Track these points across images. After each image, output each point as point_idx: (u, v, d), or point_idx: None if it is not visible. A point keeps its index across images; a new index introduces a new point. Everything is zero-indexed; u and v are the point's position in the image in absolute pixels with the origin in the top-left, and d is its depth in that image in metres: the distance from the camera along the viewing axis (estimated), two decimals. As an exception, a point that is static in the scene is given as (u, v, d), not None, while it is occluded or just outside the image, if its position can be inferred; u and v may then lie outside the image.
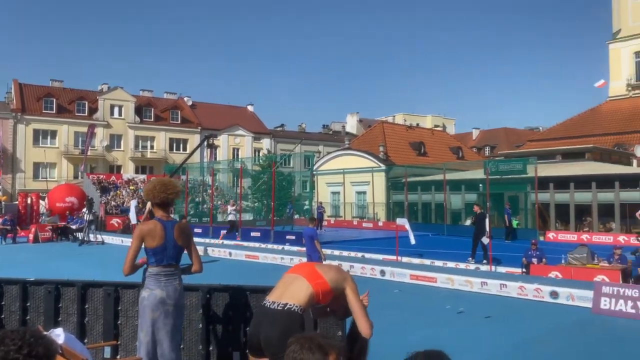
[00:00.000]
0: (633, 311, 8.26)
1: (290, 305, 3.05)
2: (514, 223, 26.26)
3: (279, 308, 3.06)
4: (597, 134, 39.60)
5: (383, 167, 36.50)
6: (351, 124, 74.25)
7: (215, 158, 50.97)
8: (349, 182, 38.33)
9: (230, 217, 22.12)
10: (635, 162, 33.39)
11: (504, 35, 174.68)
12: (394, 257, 16.48)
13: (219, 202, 37.23)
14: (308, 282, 3.17)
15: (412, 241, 16.23)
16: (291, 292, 3.12)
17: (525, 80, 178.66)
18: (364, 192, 38.07)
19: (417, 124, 58.29)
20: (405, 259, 16.53)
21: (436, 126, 63.16)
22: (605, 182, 26.00)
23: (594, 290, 8.90)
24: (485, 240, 15.04)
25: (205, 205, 35.77)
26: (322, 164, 41.48)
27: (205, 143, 30.81)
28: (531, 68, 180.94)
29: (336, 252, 18.18)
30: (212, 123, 55.00)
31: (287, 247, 19.97)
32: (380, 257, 17.15)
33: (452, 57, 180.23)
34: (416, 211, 34.20)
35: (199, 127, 54.45)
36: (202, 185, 38.44)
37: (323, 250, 13.28)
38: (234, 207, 21.73)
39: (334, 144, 59.64)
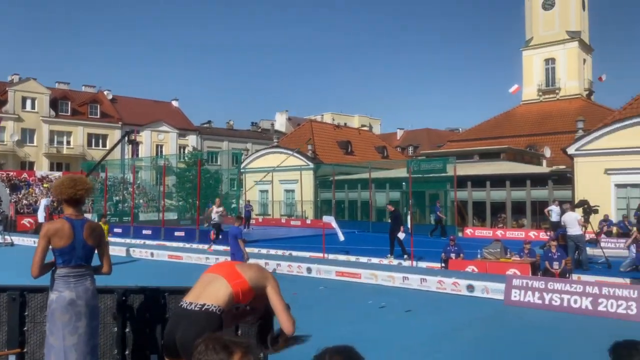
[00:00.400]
0: (540, 302, 8.84)
1: (208, 305, 2.97)
2: (434, 220, 27.32)
3: (196, 309, 2.97)
4: (511, 135, 42.11)
5: (311, 165, 36.74)
6: (280, 122, 74.15)
7: (138, 155, 48.99)
8: (277, 181, 38.25)
9: (216, 220, 18.95)
10: (544, 162, 35.82)
11: (427, 42, 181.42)
12: (320, 255, 16.62)
13: (140, 201, 35.84)
14: (227, 281, 3.11)
15: (341, 238, 16.52)
16: (209, 293, 3.04)
17: (447, 84, 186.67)
18: (293, 191, 38.14)
19: (345, 124, 59.22)
20: (331, 256, 16.73)
21: (363, 126, 64.45)
22: (518, 181, 27.68)
23: (506, 283, 9.44)
24: (401, 235, 15.51)
25: (126, 204, 34.33)
26: (250, 162, 41.09)
27: (126, 139, 29.54)
28: (453, 72, 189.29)
29: (263, 251, 18.08)
30: (134, 118, 52.78)
31: (212, 247, 19.59)
32: (307, 254, 17.22)
33: (380, 59, 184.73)
34: (343, 209, 34.75)
35: (120, 122, 52.09)
36: (122, 183, 36.83)
37: (248, 249, 13.17)
38: (220, 209, 18.68)
39: (263, 141, 59.26)
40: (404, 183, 30.30)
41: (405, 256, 15.70)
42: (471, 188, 28.86)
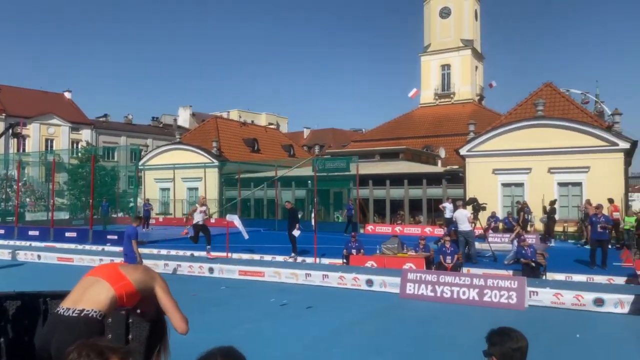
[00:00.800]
0: (432, 294, 9.34)
1: (87, 311, 2.77)
2: (337, 217, 27.96)
3: (74, 315, 2.75)
4: (410, 137, 44.24)
5: (216, 162, 35.98)
6: (184, 118, 71.84)
7: (24, 149, 45.09)
8: (179, 178, 36.99)
9: (198, 220, 16.21)
10: (440, 162, 37.99)
11: (334, 44, 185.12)
12: (224, 254, 16.35)
13: (26, 199, 33.01)
14: (109, 284, 2.92)
15: (245, 236, 16.34)
16: (89, 297, 2.84)
17: (352, 86, 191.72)
18: (196, 189, 37.08)
19: (252, 121, 58.75)
20: (235, 255, 16.52)
21: (270, 124, 64.33)
22: (415, 179, 29.10)
23: (401, 277, 9.87)
24: (296, 232, 15.59)
25: (10, 203, 31.44)
26: (150, 159, 39.36)
27: (10, 132, 27.03)
28: (358, 75, 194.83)
29: (163, 252, 17.43)
30: (19, 109, 48.39)
31: (107, 248, 18.53)
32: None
33: (288, 59, 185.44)
34: (249, 207, 34.43)
35: (4, 114, 47.57)
36: (6, 180, 33.67)
37: (146, 250, 12.64)
38: (204, 208, 16.18)
39: (164, 137, 57.08)
40: (309, 181, 30.66)
41: (293, 254, 15.79)
42: (372, 186, 29.88)
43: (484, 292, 8.91)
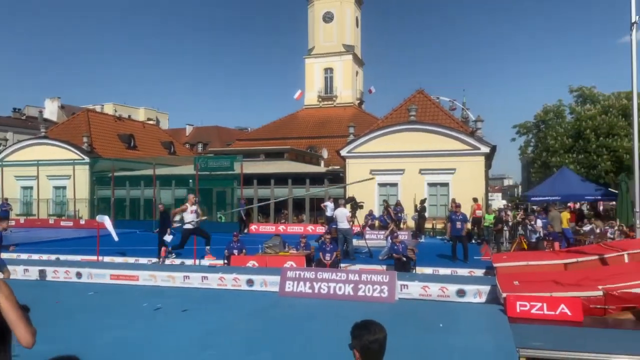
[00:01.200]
0: (310, 291, 9.53)
1: None
2: (219, 217, 27.50)
3: None
4: (294, 137, 44.89)
5: (87, 159, 33.46)
6: (51, 110, 65.84)
7: None
8: (44, 176, 33.83)
9: (189, 222, 13.68)
10: (322, 162, 39.00)
11: (221, 43, 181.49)
12: (94, 257, 15.30)
13: None
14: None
15: (115, 238, 15.42)
16: None
17: (238, 84, 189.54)
18: (64, 187, 34.19)
19: (129, 116, 55.48)
20: (107, 259, 15.57)
21: (149, 119, 61.33)
22: (299, 179, 29.56)
23: (281, 276, 9.94)
24: (167, 237, 14.81)
25: None
26: (9, 154, 35.53)
27: None
28: (245, 73, 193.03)
29: (23, 256, 15.85)
30: None
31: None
32: (78, 258, 15.72)
33: (170, 52, 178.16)
34: (124, 207, 32.51)
35: None
36: None
37: (3, 255, 11.40)
38: (195, 208, 13.10)
39: (28, 131, 51.95)
40: (191, 180, 29.77)
41: (160, 258, 15.20)
42: (257, 186, 29.81)
43: (359, 287, 9.28)
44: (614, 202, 22.08)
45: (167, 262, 14.92)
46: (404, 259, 13.39)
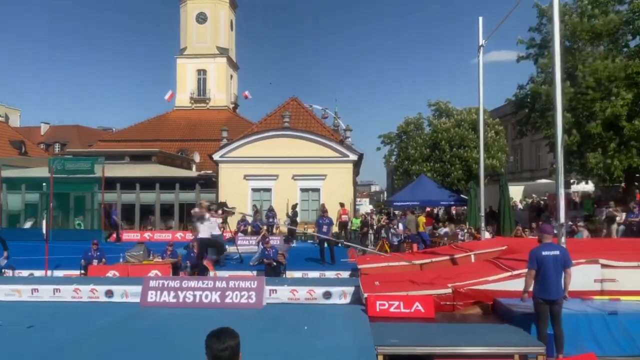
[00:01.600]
0: (175, 300, 9.15)
1: None
2: (77, 224, 25.46)
3: None
4: (164, 139, 43.06)
5: None
6: None
7: None
8: None
9: (210, 233, 11.52)
10: (194, 166, 37.88)
11: (84, 36, 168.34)
12: None
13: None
14: None
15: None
16: None
17: (102, 81, 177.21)
18: None
19: (-31, 110, 49.12)
20: None
21: (-5, 115, 54.78)
22: (167, 183, 28.40)
23: (142, 286, 9.43)
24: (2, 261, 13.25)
25: None
26: None
27: None
28: (108, 70, 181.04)
29: None
30: None
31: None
32: None
33: (21, 45, 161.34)
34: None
35: None
36: None
37: None
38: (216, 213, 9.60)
39: None
40: (44, 184, 27.13)
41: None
42: (120, 190, 28.06)
43: (226, 294, 9.12)
44: (465, 207, 24.38)
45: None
46: (274, 263, 13.47)
